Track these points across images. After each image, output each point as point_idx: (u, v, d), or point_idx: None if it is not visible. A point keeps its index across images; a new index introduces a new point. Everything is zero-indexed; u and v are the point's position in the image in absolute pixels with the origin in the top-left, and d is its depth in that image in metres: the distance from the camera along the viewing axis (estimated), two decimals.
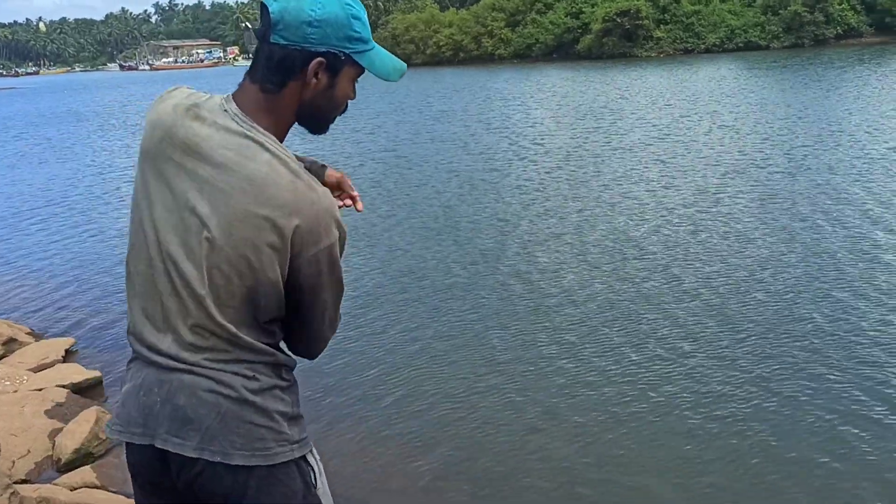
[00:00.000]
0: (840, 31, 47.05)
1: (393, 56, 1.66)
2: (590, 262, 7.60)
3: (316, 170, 1.76)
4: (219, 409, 1.52)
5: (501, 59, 57.44)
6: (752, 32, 48.91)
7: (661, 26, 50.91)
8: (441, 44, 60.69)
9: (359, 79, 1.64)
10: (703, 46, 49.65)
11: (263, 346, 1.56)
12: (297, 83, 1.55)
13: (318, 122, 1.65)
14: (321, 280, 1.58)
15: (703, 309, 6.17)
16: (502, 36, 58.30)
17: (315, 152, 1.94)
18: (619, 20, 49.73)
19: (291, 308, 1.61)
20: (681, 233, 8.38)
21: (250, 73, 1.59)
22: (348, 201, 1.83)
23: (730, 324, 5.84)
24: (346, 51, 1.56)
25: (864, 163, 11.27)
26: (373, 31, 1.63)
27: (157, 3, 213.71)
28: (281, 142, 1.58)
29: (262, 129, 1.54)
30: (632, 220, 9.09)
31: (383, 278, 7.52)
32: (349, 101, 1.66)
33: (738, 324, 5.83)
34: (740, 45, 48.66)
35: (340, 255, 1.60)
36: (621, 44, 50.17)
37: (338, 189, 1.81)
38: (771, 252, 7.48)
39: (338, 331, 1.73)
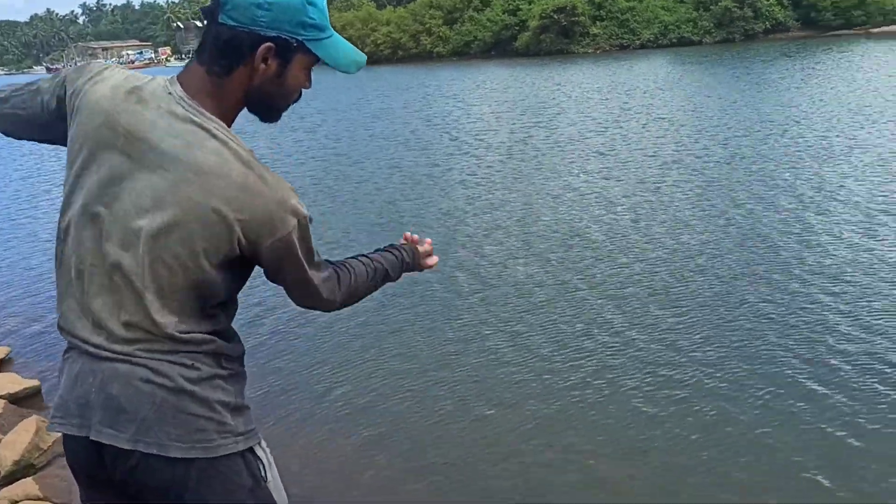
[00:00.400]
0: (768, 25, 48.63)
1: (353, 47, 1.59)
2: (534, 252, 7.68)
3: None
4: (154, 398, 1.44)
5: (440, 56, 57.52)
6: (684, 28, 50.11)
7: (598, 23, 51.75)
8: (379, 42, 60.42)
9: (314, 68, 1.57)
10: (637, 42, 50.65)
11: (204, 335, 1.49)
12: (245, 68, 1.48)
13: (268, 109, 1.58)
14: (284, 264, 1.56)
15: (645, 294, 6.30)
16: (440, 34, 58.43)
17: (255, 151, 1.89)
18: (555, 17, 50.36)
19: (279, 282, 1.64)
20: (622, 222, 8.53)
21: (198, 53, 1.51)
22: None
23: (671, 308, 5.98)
24: (299, 38, 1.49)
25: (794, 150, 11.67)
26: None
27: (85, 3, 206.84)
28: (229, 127, 1.51)
29: (209, 115, 1.46)
30: (574, 210, 9.21)
31: None
32: (304, 90, 1.59)
33: (678, 307, 5.97)
34: (674, 40, 49.77)
35: (304, 238, 1.56)
36: (558, 40, 50.80)
37: None
38: (709, 237, 7.68)
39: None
